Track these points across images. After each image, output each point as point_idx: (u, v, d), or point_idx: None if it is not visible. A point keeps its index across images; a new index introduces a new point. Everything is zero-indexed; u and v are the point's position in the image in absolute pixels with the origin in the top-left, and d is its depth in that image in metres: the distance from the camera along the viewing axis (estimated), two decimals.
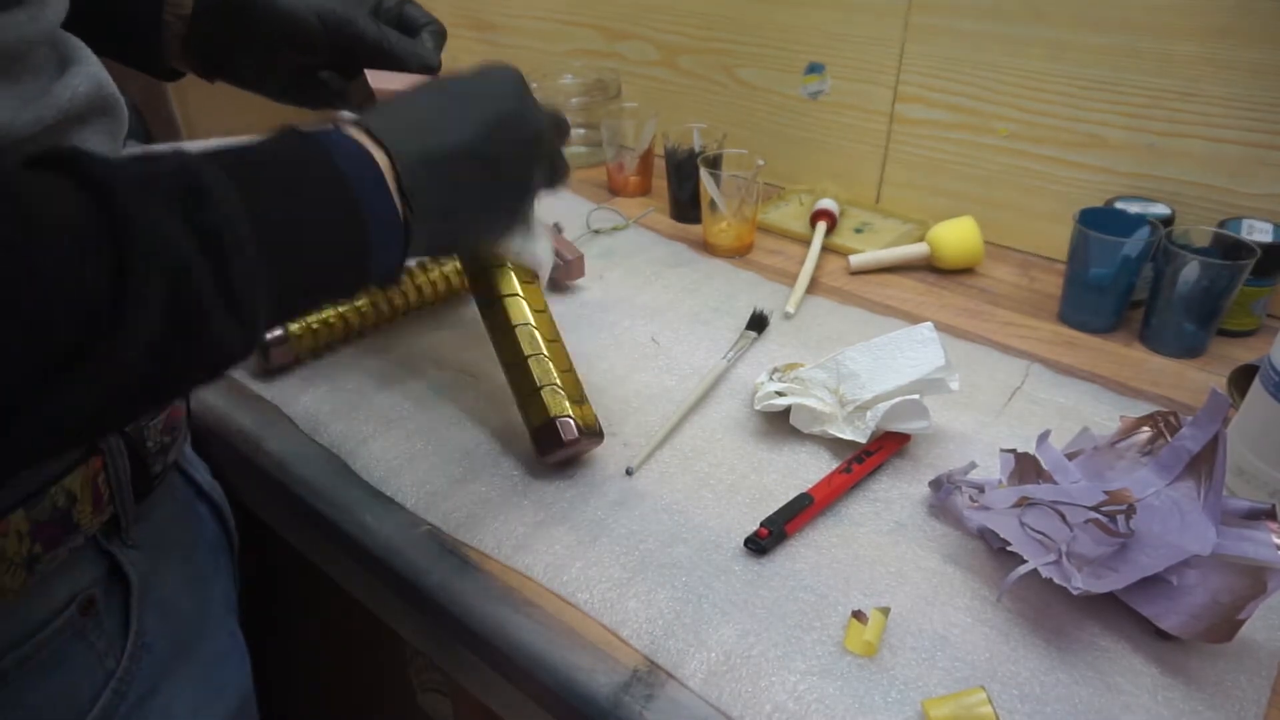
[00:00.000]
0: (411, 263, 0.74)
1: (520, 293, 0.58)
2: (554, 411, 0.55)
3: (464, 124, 0.43)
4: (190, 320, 0.29)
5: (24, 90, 0.36)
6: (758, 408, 0.60)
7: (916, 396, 0.57)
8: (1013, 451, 0.53)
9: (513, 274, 0.58)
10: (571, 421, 0.54)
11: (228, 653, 0.53)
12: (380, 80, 0.55)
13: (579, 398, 0.57)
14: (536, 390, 0.55)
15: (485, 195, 0.45)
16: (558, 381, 0.56)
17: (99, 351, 0.26)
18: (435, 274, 0.73)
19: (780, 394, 0.60)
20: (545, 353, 0.57)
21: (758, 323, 0.72)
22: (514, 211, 0.48)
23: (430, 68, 0.58)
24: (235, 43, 0.56)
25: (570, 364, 0.59)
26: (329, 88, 0.60)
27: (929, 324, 0.61)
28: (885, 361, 0.60)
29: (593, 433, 0.56)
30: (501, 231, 0.50)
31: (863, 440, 0.57)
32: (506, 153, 0.44)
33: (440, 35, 0.61)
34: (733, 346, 0.70)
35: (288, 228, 0.34)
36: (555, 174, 0.51)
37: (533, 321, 0.57)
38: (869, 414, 0.57)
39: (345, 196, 0.36)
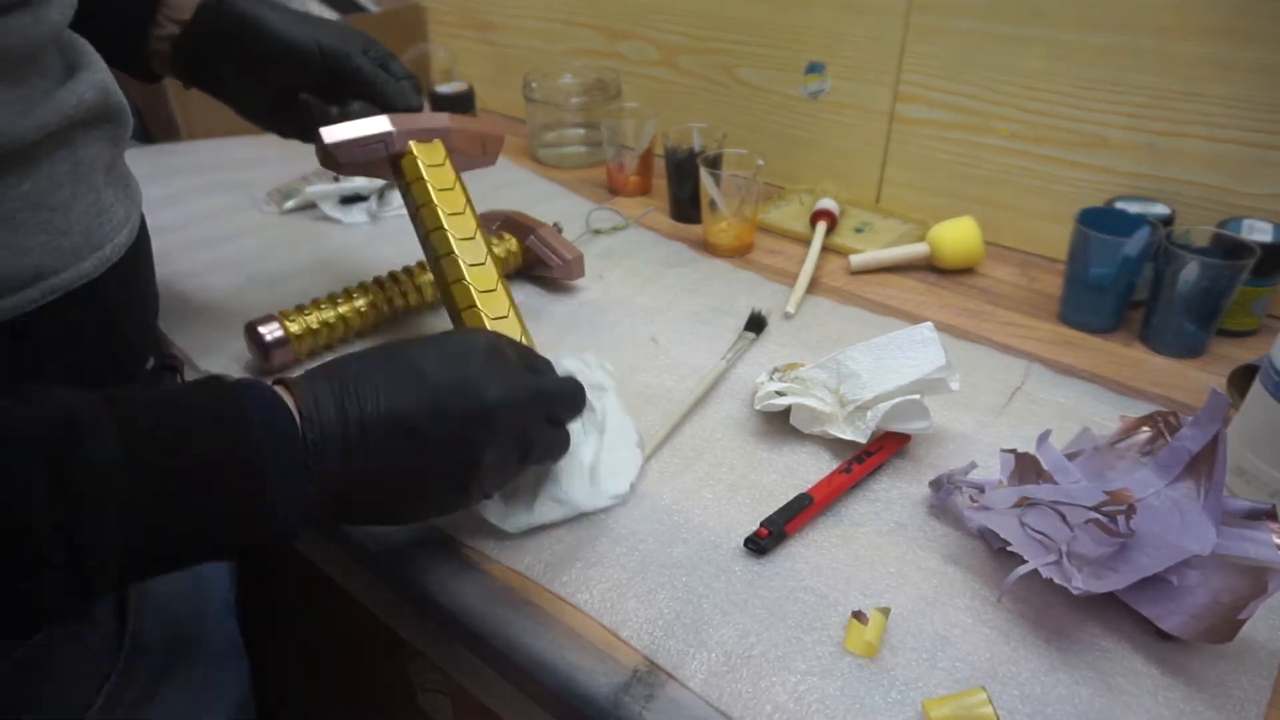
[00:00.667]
0: (412, 262, 0.74)
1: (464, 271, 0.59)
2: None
3: (399, 391, 0.39)
4: (17, 579, 0.28)
5: (29, 93, 0.36)
6: (758, 407, 0.60)
7: (917, 396, 0.56)
8: (1013, 451, 0.53)
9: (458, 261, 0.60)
10: None
11: (225, 655, 0.53)
12: (334, 135, 0.57)
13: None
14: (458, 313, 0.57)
15: (414, 469, 0.40)
16: (477, 304, 0.57)
17: None
18: None
19: (780, 394, 0.60)
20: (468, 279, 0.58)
21: (756, 324, 0.72)
22: (457, 489, 0.43)
23: (412, 107, 0.60)
24: (228, 57, 0.57)
25: (509, 309, 0.60)
26: (305, 110, 0.61)
27: (929, 324, 0.61)
28: (886, 361, 0.60)
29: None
30: (446, 508, 0.46)
31: (863, 440, 0.57)
32: (439, 427, 0.40)
33: (419, 89, 0.63)
34: (731, 348, 0.70)
35: (176, 486, 0.32)
36: (529, 453, 0.45)
37: (468, 278, 0.59)
38: (869, 414, 0.57)
39: (248, 460, 0.34)
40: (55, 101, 0.37)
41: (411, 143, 0.61)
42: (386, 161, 0.61)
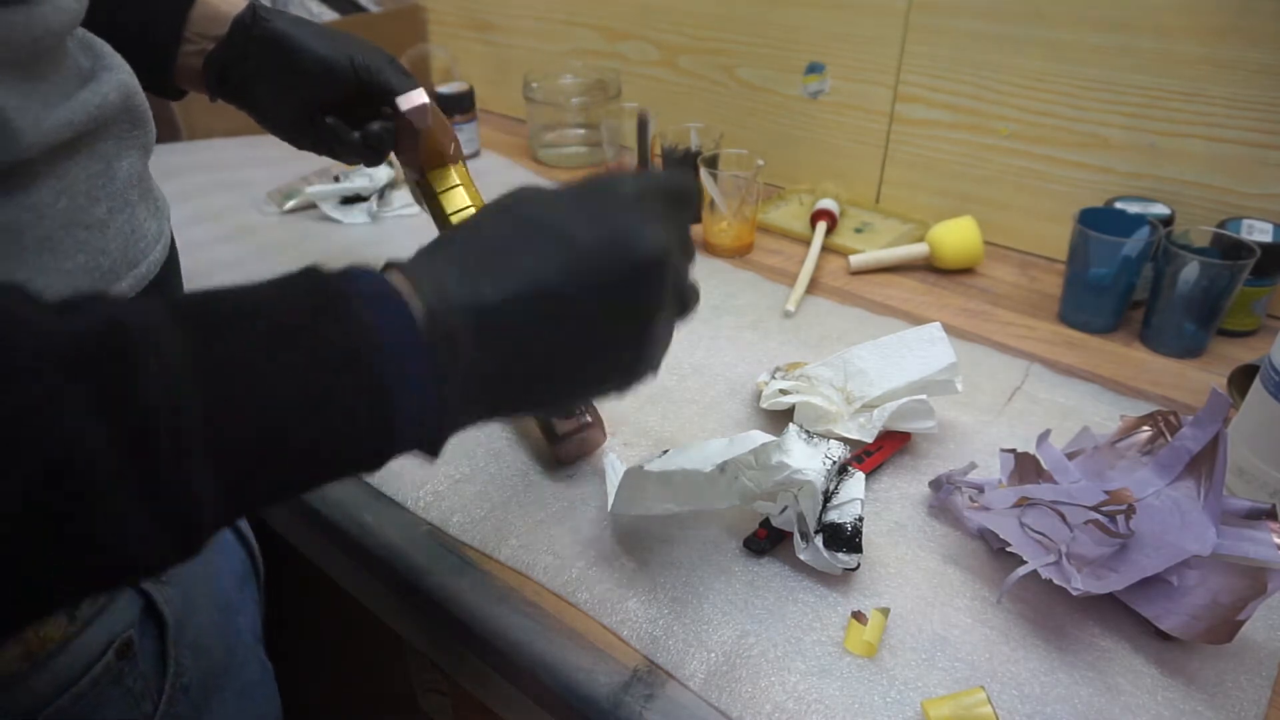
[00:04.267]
0: None
1: None
2: None
3: (537, 257, 0.32)
4: (82, 517, 0.23)
5: (49, 91, 0.35)
6: (764, 405, 0.60)
7: (924, 396, 0.57)
8: (1013, 451, 0.53)
9: None
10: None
11: (258, 684, 0.52)
12: (411, 100, 0.60)
13: None
14: None
15: (569, 353, 0.33)
16: None
17: None
18: None
19: (785, 391, 0.60)
20: None
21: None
22: (630, 364, 0.36)
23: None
24: (262, 73, 0.59)
25: None
26: (329, 128, 0.62)
27: (937, 324, 0.61)
28: (893, 360, 0.60)
29: (592, 422, 0.57)
30: (619, 388, 0.37)
31: (869, 439, 0.57)
32: (601, 296, 0.33)
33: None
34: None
35: (270, 398, 0.26)
36: (686, 306, 0.38)
37: None
38: (875, 413, 0.57)
39: (361, 363, 0.28)
40: (78, 101, 0.37)
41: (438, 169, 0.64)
42: (417, 145, 0.62)
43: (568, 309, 0.32)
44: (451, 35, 1.30)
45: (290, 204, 0.94)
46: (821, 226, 0.87)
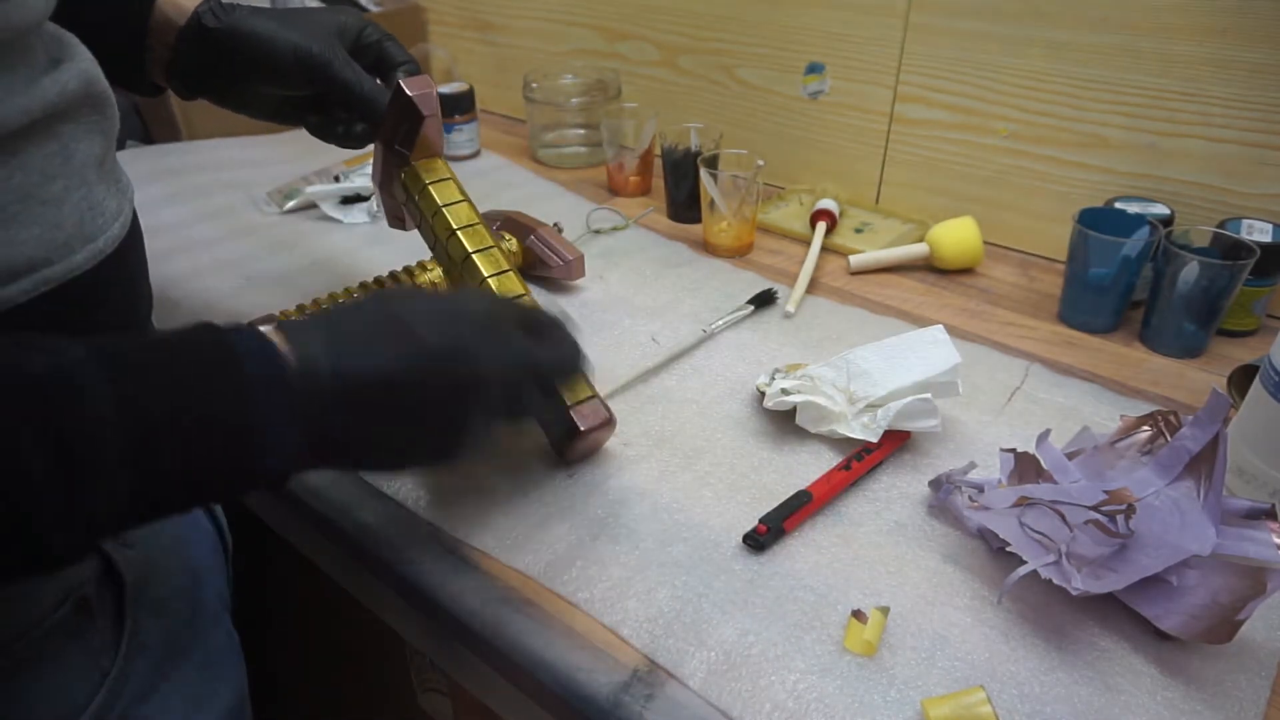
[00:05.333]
0: (412, 262, 0.74)
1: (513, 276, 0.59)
2: (571, 400, 0.55)
3: (388, 347, 0.39)
4: (15, 525, 0.29)
5: (13, 80, 0.37)
6: (768, 405, 0.60)
7: (928, 395, 0.57)
8: (1013, 451, 0.53)
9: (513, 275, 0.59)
10: (598, 402, 0.55)
11: (223, 650, 0.53)
12: (414, 86, 0.57)
13: (591, 387, 0.57)
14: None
15: (400, 432, 0.40)
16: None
17: None
18: (435, 274, 0.73)
19: (787, 391, 0.60)
20: None
21: (762, 299, 0.75)
22: (443, 450, 0.43)
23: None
24: (216, 76, 0.58)
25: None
26: (317, 129, 0.61)
27: (940, 326, 0.61)
28: (896, 361, 0.60)
29: (609, 420, 0.56)
30: (434, 463, 0.47)
31: (874, 439, 0.57)
32: (432, 394, 0.40)
33: (418, 73, 0.61)
34: (728, 314, 0.72)
35: (168, 435, 0.32)
36: (528, 412, 0.47)
37: None
38: (879, 412, 0.57)
39: (241, 409, 0.34)
40: (39, 89, 0.38)
41: (416, 163, 0.61)
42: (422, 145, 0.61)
43: (402, 395, 0.39)
44: (451, 35, 1.30)
45: (290, 204, 0.94)
46: (821, 227, 0.87)
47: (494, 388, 0.42)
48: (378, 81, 0.60)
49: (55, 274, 0.39)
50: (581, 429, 0.54)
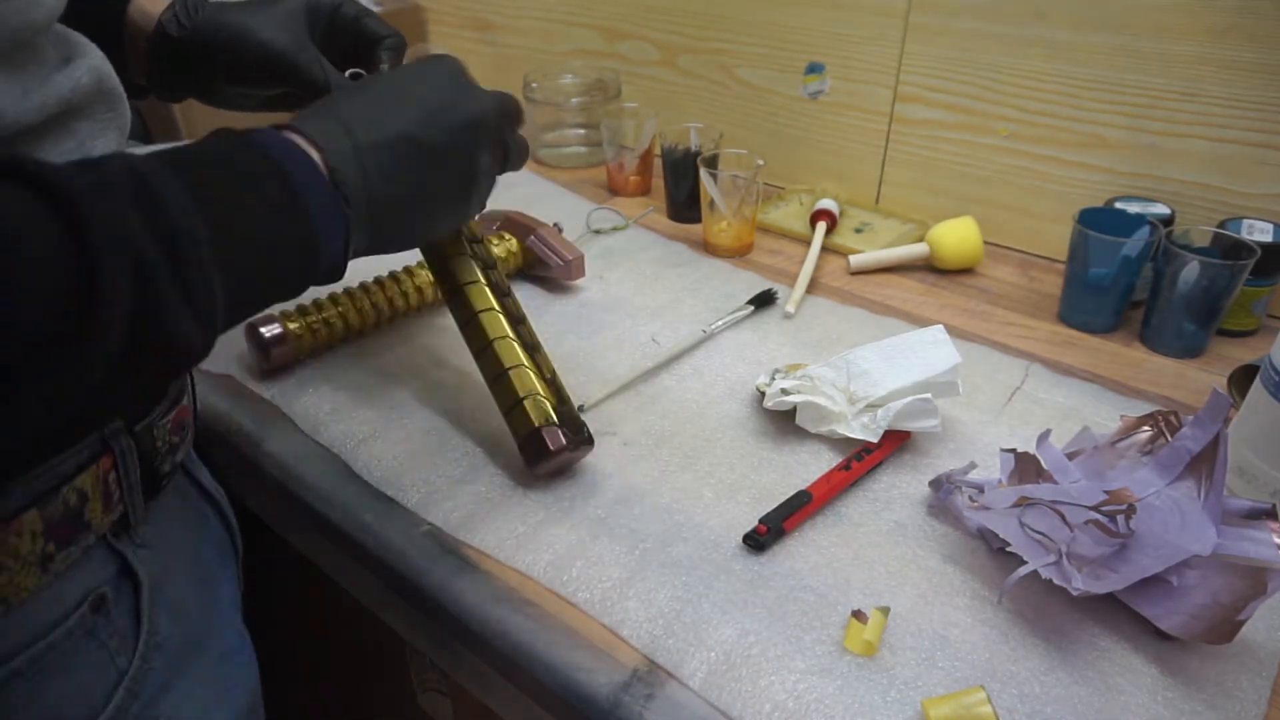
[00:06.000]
0: (412, 262, 0.74)
1: (495, 306, 0.57)
2: (538, 421, 0.54)
3: (396, 114, 0.44)
4: (153, 317, 0.30)
5: (28, 78, 0.37)
6: (768, 405, 0.60)
7: (929, 395, 0.57)
8: (1013, 451, 0.53)
9: (486, 289, 0.58)
10: (558, 431, 0.54)
11: (237, 650, 0.53)
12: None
13: (565, 405, 0.56)
14: (519, 402, 0.55)
15: (426, 182, 0.45)
16: (540, 391, 0.55)
17: (70, 350, 0.28)
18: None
19: (787, 391, 0.59)
20: (525, 363, 0.56)
21: (762, 299, 0.75)
22: (463, 198, 0.48)
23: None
24: (189, 76, 0.57)
25: (554, 372, 0.58)
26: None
27: (940, 326, 0.61)
28: (897, 362, 0.60)
29: (580, 440, 0.55)
30: (455, 220, 0.51)
31: (874, 439, 0.57)
32: (444, 139, 0.45)
33: (398, 51, 0.60)
34: (728, 314, 0.72)
35: (238, 224, 0.35)
36: (508, 157, 0.51)
37: (510, 333, 0.56)
38: (880, 412, 0.57)
39: (286, 189, 0.38)
40: (53, 85, 0.38)
41: None
42: None
43: (423, 147, 0.44)
44: (451, 35, 1.30)
45: None
46: (821, 227, 0.87)
47: (487, 124, 0.48)
48: (355, 72, 0.58)
49: None
50: (551, 448, 0.53)
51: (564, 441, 0.54)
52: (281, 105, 0.61)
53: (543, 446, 0.53)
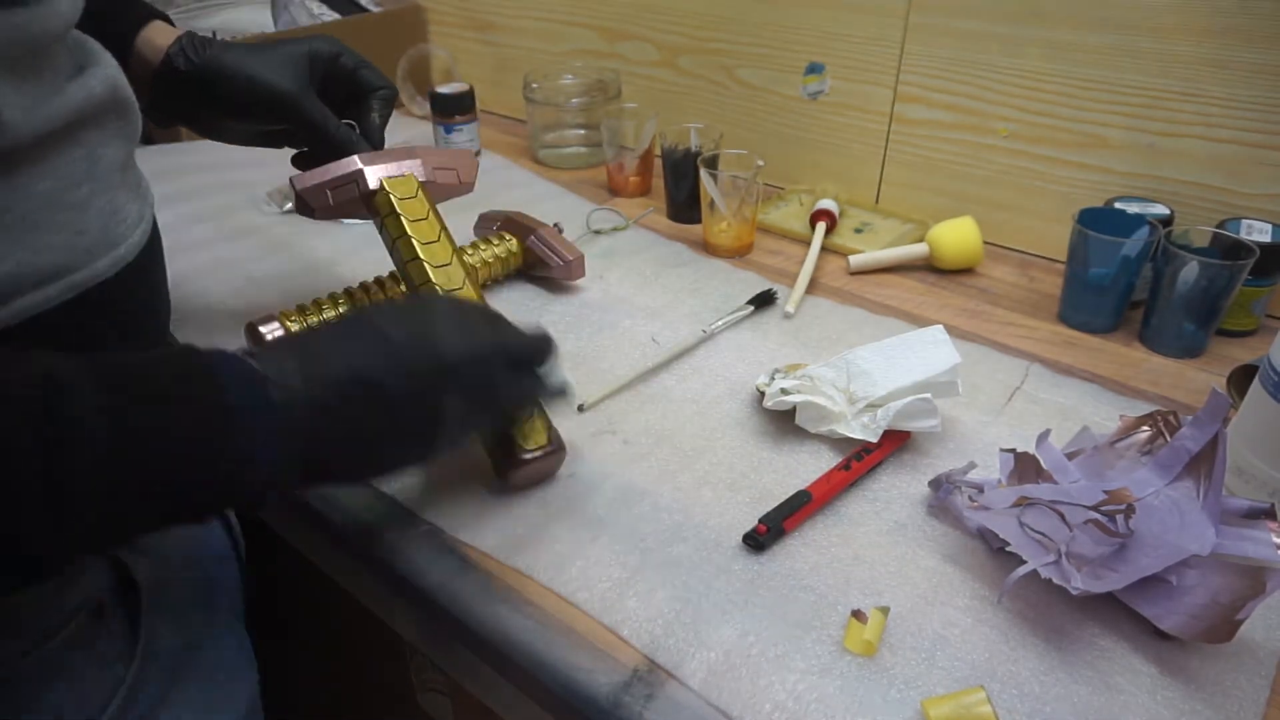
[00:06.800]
0: None
1: None
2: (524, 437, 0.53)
3: (354, 350, 0.40)
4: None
5: (42, 87, 0.37)
6: (768, 405, 0.60)
7: (928, 395, 0.57)
8: (1013, 451, 0.54)
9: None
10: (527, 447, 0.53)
11: (235, 659, 0.53)
12: (305, 180, 0.58)
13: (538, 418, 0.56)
14: None
15: (371, 423, 0.40)
16: None
17: None
18: None
19: (787, 391, 0.60)
20: None
21: (762, 299, 0.75)
22: (421, 442, 0.43)
23: (359, 150, 0.60)
24: (189, 108, 0.59)
25: None
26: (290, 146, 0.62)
27: (939, 326, 0.61)
28: (897, 362, 0.60)
29: (552, 449, 0.54)
30: (410, 463, 0.46)
31: (874, 439, 0.57)
32: (399, 382, 0.41)
33: (389, 102, 0.62)
34: (728, 314, 0.72)
35: (151, 439, 0.32)
36: (504, 397, 0.47)
37: None
38: (879, 412, 0.57)
39: (222, 426, 0.34)
40: (66, 95, 0.38)
41: (383, 178, 0.60)
42: (360, 201, 0.60)
43: (378, 391, 0.40)
44: (451, 35, 1.30)
45: (290, 204, 0.94)
46: (821, 227, 0.87)
47: (463, 371, 0.43)
48: (347, 123, 0.60)
49: (79, 280, 0.39)
50: (525, 457, 0.53)
51: (536, 453, 0.53)
52: (271, 141, 0.62)
53: (511, 458, 0.53)
